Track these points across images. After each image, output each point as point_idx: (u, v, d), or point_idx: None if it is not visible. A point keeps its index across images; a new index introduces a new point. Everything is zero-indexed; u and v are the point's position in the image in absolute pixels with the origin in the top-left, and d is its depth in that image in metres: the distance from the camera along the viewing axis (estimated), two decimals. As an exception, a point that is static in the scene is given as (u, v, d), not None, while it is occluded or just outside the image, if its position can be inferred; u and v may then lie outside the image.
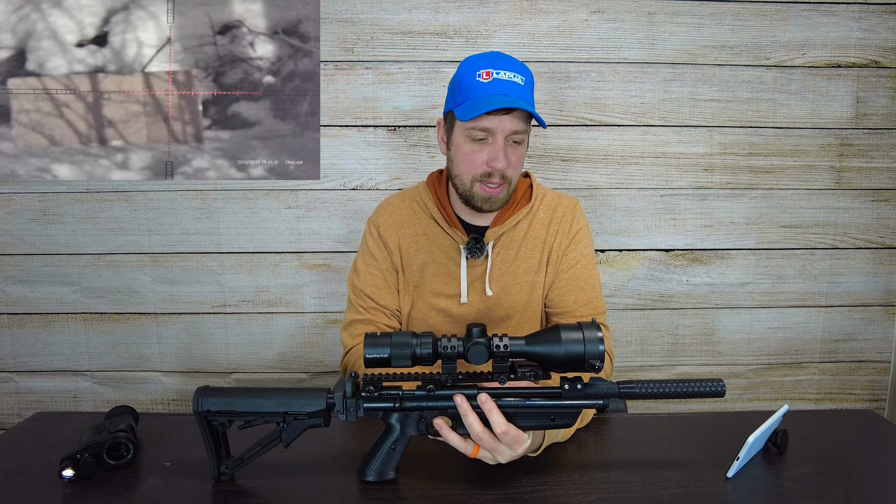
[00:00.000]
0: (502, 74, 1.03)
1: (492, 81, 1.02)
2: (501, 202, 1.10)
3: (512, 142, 1.06)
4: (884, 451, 0.99)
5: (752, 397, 1.85)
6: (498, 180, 1.06)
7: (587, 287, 1.16)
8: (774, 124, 1.71)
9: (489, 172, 1.06)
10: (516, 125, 1.03)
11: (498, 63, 1.05)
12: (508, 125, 1.03)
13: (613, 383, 0.86)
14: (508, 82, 1.03)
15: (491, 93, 1.02)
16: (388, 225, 1.20)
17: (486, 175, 1.06)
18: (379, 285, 1.18)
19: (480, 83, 1.03)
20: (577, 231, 1.18)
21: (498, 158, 1.04)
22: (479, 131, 1.04)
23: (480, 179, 1.07)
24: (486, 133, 1.04)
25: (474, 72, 1.04)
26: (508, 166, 1.06)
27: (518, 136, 1.05)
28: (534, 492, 0.86)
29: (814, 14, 1.66)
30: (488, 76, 1.03)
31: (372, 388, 0.86)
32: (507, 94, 1.02)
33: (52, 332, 1.78)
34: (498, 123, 1.03)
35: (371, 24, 1.64)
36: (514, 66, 1.05)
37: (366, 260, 1.20)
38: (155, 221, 1.71)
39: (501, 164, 1.04)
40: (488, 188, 1.07)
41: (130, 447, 0.93)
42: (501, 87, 1.02)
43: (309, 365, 1.81)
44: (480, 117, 1.02)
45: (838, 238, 1.78)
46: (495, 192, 1.08)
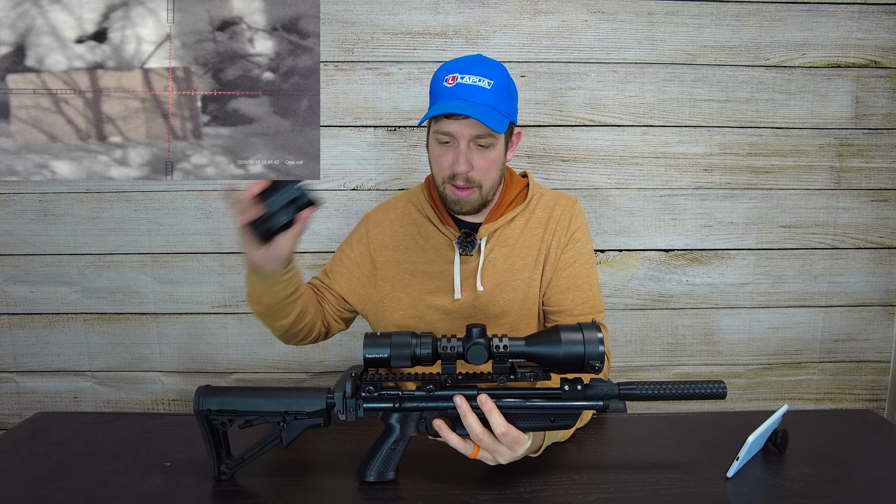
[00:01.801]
0: (466, 79, 1.04)
1: (455, 86, 1.04)
2: (473, 205, 1.10)
3: (477, 146, 1.06)
4: (884, 451, 0.99)
5: (752, 397, 1.85)
6: (462, 183, 1.07)
7: (585, 286, 1.17)
8: (774, 124, 1.72)
9: (454, 174, 1.07)
10: (475, 130, 1.04)
11: (466, 68, 1.05)
12: (467, 130, 1.04)
13: (614, 384, 0.86)
14: (471, 87, 1.03)
15: (451, 98, 1.04)
16: (381, 222, 1.23)
17: (452, 177, 1.08)
18: (342, 272, 1.22)
19: (445, 87, 1.05)
20: (576, 230, 1.18)
21: (458, 162, 1.05)
22: (442, 135, 1.06)
23: (449, 181, 1.09)
24: (450, 137, 1.06)
25: (443, 77, 1.06)
26: (471, 170, 1.06)
27: (483, 141, 1.05)
28: (534, 492, 0.86)
29: (813, 14, 1.66)
30: (453, 81, 1.04)
31: (372, 389, 0.87)
32: (466, 100, 1.03)
33: (53, 333, 1.78)
34: (457, 128, 1.04)
35: (371, 25, 1.64)
36: (484, 70, 1.05)
37: (343, 248, 1.26)
38: (155, 221, 1.71)
39: (461, 168, 1.05)
40: (457, 190, 1.09)
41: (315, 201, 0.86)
42: (462, 92, 1.03)
43: (309, 365, 1.81)
44: (441, 122, 1.05)
45: (838, 238, 1.78)
46: (463, 195, 1.09)
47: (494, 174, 1.10)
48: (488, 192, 1.11)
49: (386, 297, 1.20)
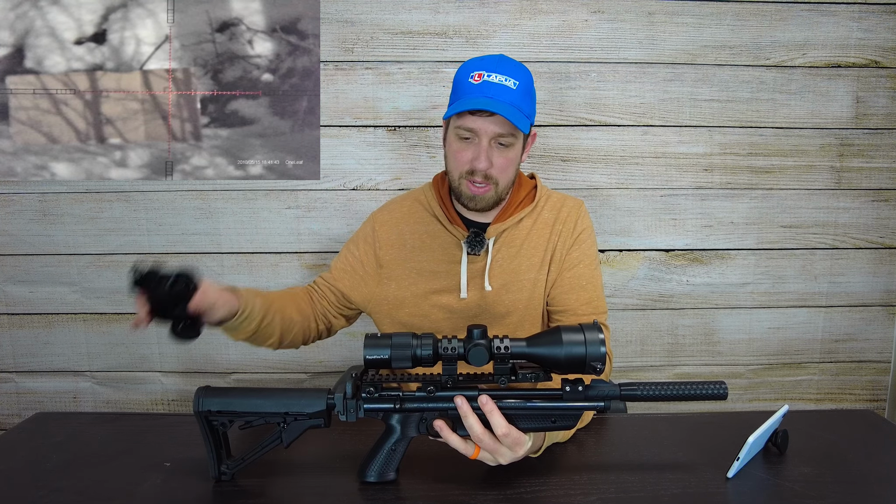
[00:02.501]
0: (493, 77, 1.04)
1: (481, 83, 1.04)
2: (488, 202, 1.11)
3: (498, 144, 1.07)
4: (884, 451, 0.99)
5: (752, 397, 1.85)
6: (481, 179, 1.08)
7: (589, 286, 1.17)
8: (774, 124, 1.71)
9: (472, 170, 1.08)
10: (499, 128, 1.05)
11: (492, 66, 1.06)
12: (491, 128, 1.05)
13: (615, 385, 0.86)
14: (498, 85, 1.04)
15: (477, 94, 1.04)
16: (387, 221, 1.23)
17: (470, 173, 1.08)
18: (346, 270, 1.23)
19: (471, 84, 1.05)
20: (581, 231, 1.19)
21: (479, 158, 1.06)
22: (464, 130, 1.07)
23: (466, 177, 1.09)
24: (472, 133, 1.06)
25: (469, 73, 1.07)
26: (491, 167, 1.07)
27: (504, 140, 1.06)
28: (534, 492, 0.86)
29: (814, 14, 1.66)
30: (479, 78, 1.05)
31: (372, 389, 0.86)
32: (492, 98, 1.03)
33: (52, 333, 1.78)
34: (481, 125, 1.05)
35: (371, 24, 1.63)
36: (510, 70, 1.06)
37: (349, 246, 1.26)
38: (155, 222, 1.71)
39: (482, 165, 1.06)
40: (474, 187, 1.09)
41: (194, 280, 0.90)
42: (489, 90, 1.04)
43: (309, 365, 1.81)
44: (464, 118, 1.05)
45: (838, 238, 1.78)
46: (480, 192, 1.09)
47: (511, 173, 1.12)
48: (503, 191, 1.12)
49: (391, 295, 1.20)
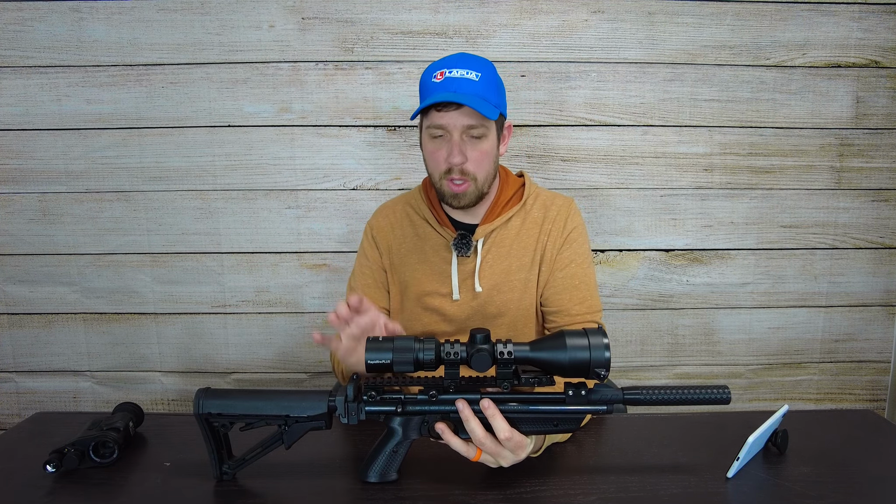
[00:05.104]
0: (454, 73, 1.05)
1: (444, 81, 1.05)
2: (470, 198, 1.11)
3: (470, 137, 1.07)
4: (884, 451, 0.99)
5: (752, 397, 1.85)
6: (458, 176, 1.08)
7: (582, 286, 1.17)
8: (774, 124, 1.71)
9: (450, 168, 1.08)
10: (468, 120, 1.05)
11: (453, 63, 1.07)
12: (460, 121, 1.05)
13: (618, 389, 0.85)
14: (460, 79, 1.05)
15: (441, 91, 1.05)
16: (381, 227, 1.24)
17: (448, 171, 1.08)
18: (369, 284, 1.23)
19: (434, 83, 1.06)
20: (572, 230, 1.18)
21: (452, 154, 1.06)
22: (435, 129, 1.07)
23: (445, 177, 1.09)
24: (443, 130, 1.07)
25: (431, 74, 1.07)
26: (466, 161, 1.07)
27: (475, 131, 1.06)
28: (534, 492, 0.86)
29: (814, 14, 1.66)
30: (441, 76, 1.06)
31: (374, 393, 0.86)
32: (455, 91, 1.04)
33: (52, 332, 1.78)
34: (449, 119, 1.05)
35: (371, 24, 1.63)
36: (471, 63, 1.07)
37: (360, 261, 1.26)
38: (155, 221, 1.71)
39: (456, 159, 1.06)
40: (453, 185, 1.09)
41: (115, 448, 0.93)
42: (451, 85, 1.04)
43: (309, 365, 1.81)
44: (432, 115, 1.06)
45: (838, 238, 1.78)
46: (460, 189, 1.09)
47: (488, 166, 1.11)
48: (483, 185, 1.11)
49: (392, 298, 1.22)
